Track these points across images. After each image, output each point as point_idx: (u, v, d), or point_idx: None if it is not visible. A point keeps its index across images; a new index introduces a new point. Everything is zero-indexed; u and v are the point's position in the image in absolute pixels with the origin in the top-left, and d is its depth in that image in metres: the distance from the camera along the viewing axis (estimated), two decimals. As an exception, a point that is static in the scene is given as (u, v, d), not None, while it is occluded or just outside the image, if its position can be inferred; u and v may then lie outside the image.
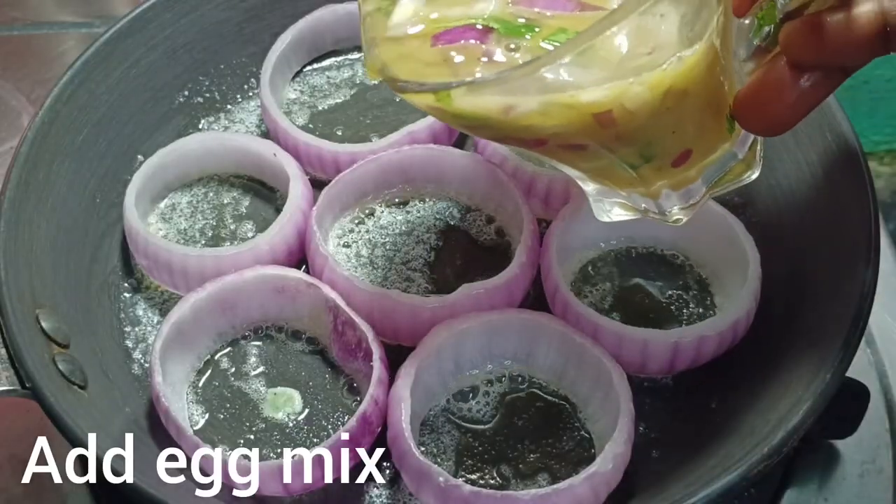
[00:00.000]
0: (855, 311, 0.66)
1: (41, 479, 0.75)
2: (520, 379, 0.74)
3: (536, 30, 0.57)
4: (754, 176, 0.63)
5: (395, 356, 0.73)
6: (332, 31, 0.94)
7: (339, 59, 0.95)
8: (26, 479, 0.75)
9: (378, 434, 0.69)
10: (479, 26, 0.57)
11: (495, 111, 0.54)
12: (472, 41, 0.57)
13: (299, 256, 0.80)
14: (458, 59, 0.56)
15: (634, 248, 0.80)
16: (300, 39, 0.92)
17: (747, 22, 0.58)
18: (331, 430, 0.71)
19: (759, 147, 0.63)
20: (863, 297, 0.66)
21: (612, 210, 0.66)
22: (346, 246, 0.81)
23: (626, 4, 0.49)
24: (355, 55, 0.95)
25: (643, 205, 0.64)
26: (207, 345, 0.76)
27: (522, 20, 0.58)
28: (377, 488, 0.70)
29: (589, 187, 0.65)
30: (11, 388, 0.65)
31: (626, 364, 0.71)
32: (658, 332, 0.72)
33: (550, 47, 0.56)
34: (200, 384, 0.75)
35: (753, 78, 0.57)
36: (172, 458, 0.68)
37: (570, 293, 0.73)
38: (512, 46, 0.56)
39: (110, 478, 0.61)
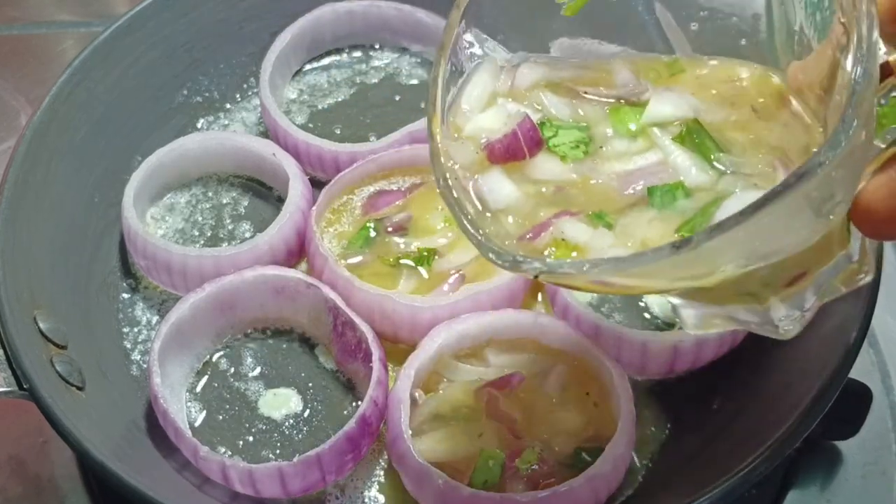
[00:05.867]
0: (858, 312, 0.65)
1: (40, 480, 0.75)
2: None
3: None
4: (869, 278, 0.56)
5: (395, 356, 0.72)
6: (331, 30, 0.93)
7: (339, 58, 0.95)
8: (25, 479, 0.75)
9: (377, 435, 0.69)
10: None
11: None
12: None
13: (299, 256, 0.80)
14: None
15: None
16: (299, 38, 0.92)
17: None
18: (330, 432, 0.71)
19: (867, 245, 0.56)
20: (865, 298, 0.66)
21: (707, 322, 0.59)
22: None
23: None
24: (356, 54, 0.95)
25: (746, 317, 0.57)
26: (206, 345, 0.75)
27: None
28: (377, 489, 0.69)
29: (677, 300, 0.58)
30: (9, 389, 0.65)
31: (626, 365, 0.70)
32: (658, 334, 0.71)
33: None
34: (199, 385, 0.74)
35: (875, 184, 0.49)
36: (170, 458, 0.68)
37: (571, 293, 0.73)
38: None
39: (108, 479, 0.61)
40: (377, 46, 0.95)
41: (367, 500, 0.69)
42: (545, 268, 0.50)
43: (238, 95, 0.92)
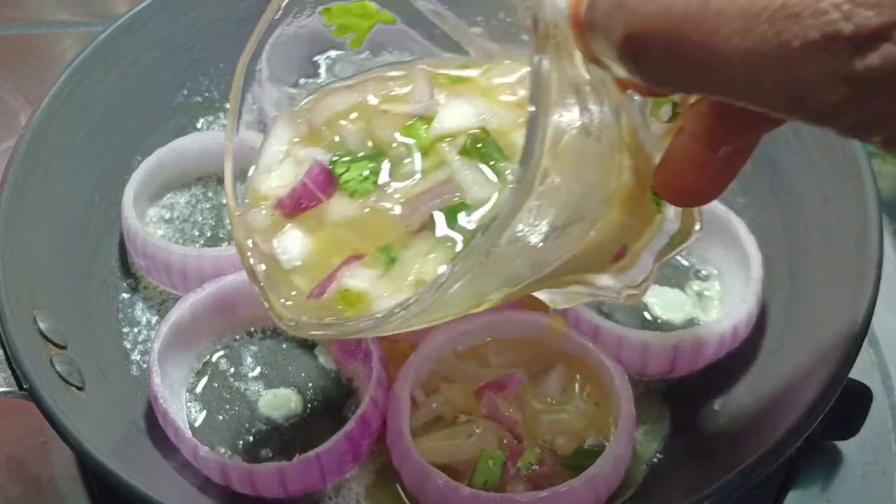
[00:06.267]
0: (858, 312, 0.65)
1: (40, 480, 0.75)
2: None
3: None
4: (699, 232, 0.57)
5: (395, 356, 0.72)
6: (331, 29, 0.93)
7: (339, 57, 0.95)
8: (25, 479, 0.75)
9: (377, 435, 0.69)
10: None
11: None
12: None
13: (299, 256, 0.80)
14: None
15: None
16: (300, 38, 0.91)
17: (638, 98, 0.50)
18: (330, 432, 0.71)
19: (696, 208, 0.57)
20: (866, 297, 0.66)
21: (569, 299, 0.59)
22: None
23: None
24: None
25: (592, 292, 0.56)
26: (206, 346, 0.75)
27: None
28: (377, 489, 0.69)
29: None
30: (9, 389, 0.65)
31: (626, 366, 0.70)
32: (658, 335, 0.71)
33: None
34: (199, 385, 0.74)
35: (667, 156, 0.50)
36: (170, 458, 0.68)
37: (571, 293, 0.73)
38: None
39: (108, 479, 0.61)
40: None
41: (365, 500, 0.69)
42: (299, 332, 0.48)
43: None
